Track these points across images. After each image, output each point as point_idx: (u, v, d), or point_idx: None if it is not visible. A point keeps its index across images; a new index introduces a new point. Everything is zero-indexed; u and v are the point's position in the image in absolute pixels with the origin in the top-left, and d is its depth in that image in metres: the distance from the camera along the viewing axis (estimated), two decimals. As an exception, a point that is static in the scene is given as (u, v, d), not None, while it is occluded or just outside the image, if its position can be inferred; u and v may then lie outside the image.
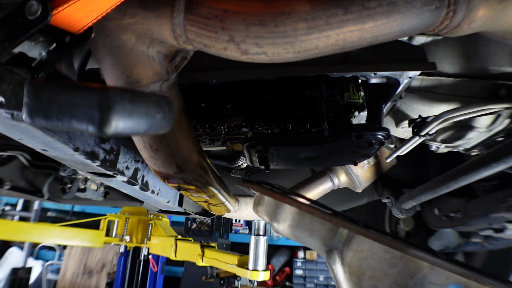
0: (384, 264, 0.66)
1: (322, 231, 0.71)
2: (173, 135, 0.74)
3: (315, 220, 0.72)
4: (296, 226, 0.73)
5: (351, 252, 0.68)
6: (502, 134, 1.23)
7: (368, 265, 0.67)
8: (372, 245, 0.68)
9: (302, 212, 0.73)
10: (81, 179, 1.97)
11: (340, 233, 0.70)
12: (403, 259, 0.65)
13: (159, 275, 4.20)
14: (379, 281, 0.65)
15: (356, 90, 1.01)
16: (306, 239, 0.72)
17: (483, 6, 0.53)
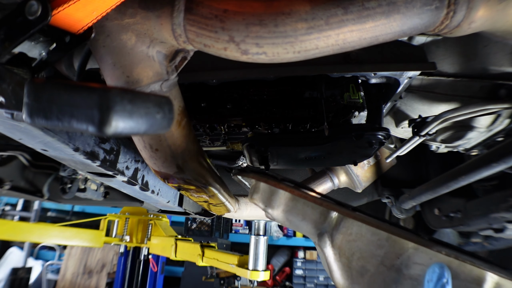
0: (372, 246, 0.69)
1: (313, 215, 0.74)
2: (173, 135, 0.74)
3: (307, 205, 0.75)
4: (289, 211, 0.76)
5: (341, 235, 0.71)
6: (502, 134, 1.23)
7: (357, 247, 0.70)
8: (360, 228, 0.70)
9: (295, 197, 0.76)
10: (81, 179, 1.97)
11: (330, 217, 0.73)
12: (389, 240, 0.68)
13: (159, 275, 4.20)
14: (367, 262, 0.68)
15: (356, 90, 1.01)
16: (298, 223, 0.75)
17: (483, 6, 0.53)
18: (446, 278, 0.61)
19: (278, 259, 6.21)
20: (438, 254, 0.65)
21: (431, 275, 0.62)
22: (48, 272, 5.70)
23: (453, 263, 0.65)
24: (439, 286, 0.60)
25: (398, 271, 0.67)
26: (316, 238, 0.75)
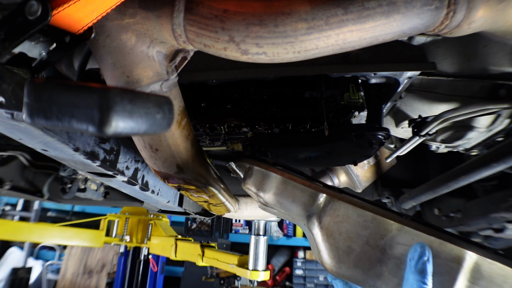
0: (358, 227, 0.73)
1: (303, 198, 0.78)
2: (173, 135, 0.74)
3: (297, 188, 0.78)
4: (280, 194, 0.79)
5: (328, 217, 0.75)
6: (502, 134, 1.23)
7: (344, 228, 0.73)
8: (346, 210, 0.74)
9: (285, 180, 0.79)
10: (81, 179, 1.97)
11: (318, 200, 0.77)
12: (374, 222, 0.72)
13: (159, 275, 4.20)
14: (353, 242, 0.72)
15: (356, 90, 1.01)
16: (288, 205, 0.79)
17: (483, 6, 0.53)
18: (427, 256, 0.64)
19: (278, 259, 6.21)
20: (420, 234, 0.69)
21: (413, 254, 0.65)
22: (48, 272, 5.70)
23: (434, 243, 0.68)
24: (420, 264, 0.64)
25: (382, 251, 0.71)
26: (305, 220, 0.78)
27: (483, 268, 0.69)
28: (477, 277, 0.69)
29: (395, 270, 0.70)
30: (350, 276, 0.72)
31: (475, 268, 0.69)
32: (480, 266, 0.69)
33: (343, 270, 0.73)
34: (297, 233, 6.25)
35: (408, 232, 0.70)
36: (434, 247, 0.69)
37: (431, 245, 0.68)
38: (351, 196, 0.74)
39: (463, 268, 0.68)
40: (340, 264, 0.73)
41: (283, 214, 0.88)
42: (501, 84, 1.02)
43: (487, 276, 0.69)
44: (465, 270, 0.68)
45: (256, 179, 0.83)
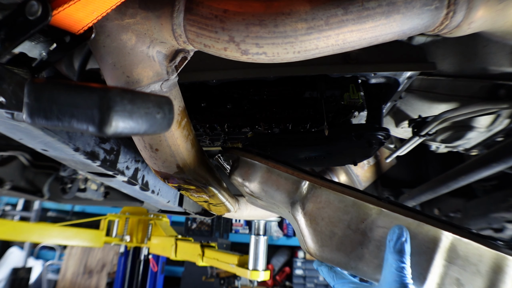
0: (339, 212, 0.76)
1: (286, 185, 0.80)
2: (173, 135, 0.74)
3: (280, 176, 0.81)
4: (264, 182, 0.82)
5: (311, 204, 0.78)
6: (502, 134, 1.23)
7: (326, 213, 0.77)
8: (328, 196, 0.78)
9: (270, 169, 0.82)
10: (81, 179, 1.97)
11: (301, 187, 0.79)
12: (354, 207, 0.76)
13: (159, 275, 4.20)
14: (335, 226, 0.76)
15: (356, 90, 1.01)
16: (273, 193, 0.81)
17: (483, 6, 0.53)
18: (405, 237, 0.68)
19: (278, 259, 6.21)
20: (398, 217, 0.72)
21: (392, 235, 0.69)
22: (49, 272, 5.70)
23: (412, 225, 0.72)
24: (399, 244, 0.67)
25: (363, 234, 0.74)
26: (289, 207, 0.81)
27: (459, 248, 0.73)
28: (454, 256, 0.72)
29: (375, 252, 0.73)
30: (333, 259, 0.75)
31: (451, 248, 0.72)
32: (456, 246, 0.72)
33: (326, 253, 0.76)
34: (297, 233, 6.24)
35: (387, 216, 0.74)
36: (412, 229, 0.72)
37: (409, 227, 0.71)
38: (331, 183, 0.77)
39: (439, 248, 0.72)
40: (323, 247, 0.76)
41: (268, 205, 0.91)
42: (501, 84, 1.02)
43: (463, 255, 0.72)
44: (441, 250, 0.72)
45: (241, 169, 0.86)
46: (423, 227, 0.72)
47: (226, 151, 0.93)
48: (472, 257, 0.73)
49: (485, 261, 0.73)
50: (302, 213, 0.78)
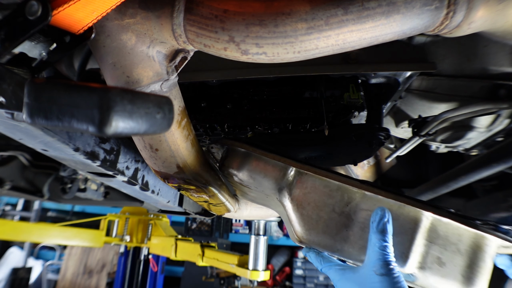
0: (324, 196, 0.79)
1: (274, 172, 0.83)
2: (173, 135, 0.74)
3: (268, 163, 0.84)
4: (253, 170, 0.85)
5: (298, 189, 0.81)
6: (502, 134, 1.23)
7: (312, 198, 0.80)
8: (314, 182, 0.81)
9: (257, 156, 0.85)
10: (81, 179, 1.97)
11: (288, 174, 0.82)
12: (339, 191, 0.79)
13: (159, 275, 4.20)
14: (321, 210, 0.79)
15: (356, 90, 1.01)
16: (261, 180, 0.84)
17: (483, 6, 0.53)
18: (387, 218, 0.71)
19: (278, 259, 6.20)
20: (381, 199, 0.76)
21: (375, 217, 0.72)
22: (49, 272, 5.70)
23: (394, 207, 0.76)
24: (381, 224, 0.70)
25: (348, 217, 0.78)
26: (277, 194, 0.83)
27: (439, 228, 0.76)
28: (434, 236, 0.76)
29: (360, 234, 0.76)
30: (320, 241, 0.78)
31: (431, 228, 0.76)
32: (436, 226, 0.76)
33: (313, 236, 0.79)
34: (297, 233, 6.24)
35: (370, 199, 0.77)
36: (394, 210, 0.75)
37: (391, 209, 0.74)
38: (315, 167, 0.80)
39: (420, 228, 0.75)
40: (310, 231, 0.79)
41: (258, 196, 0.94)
42: (501, 84, 1.02)
43: (443, 235, 0.76)
44: (422, 230, 0.75)
45: (231, 158, 0.88)
46: (405, 209, 0.75)
47: (216, 141, 0.95)
48: (452, 236, 0.76)
49: (465, 240, 0.76)
50: (289, 199, 0.81)
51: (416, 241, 0.74)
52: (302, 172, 0.81)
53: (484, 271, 0.77)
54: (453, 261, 0.75)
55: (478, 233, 0.77)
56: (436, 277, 0.75)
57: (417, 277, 0.76)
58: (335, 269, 0.78)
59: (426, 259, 0.75)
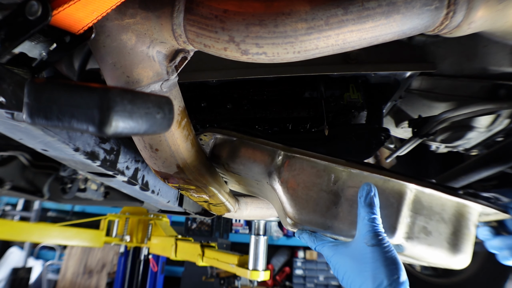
0: (313, 176, 0.82)
1: (262, 157, 0.85)
2: (173, 135, 0.74)
3: (256, 148, 0.86)
4: (242, 156, 0.87)
5: (287, 172, 0.83)
6: (502, 134, 1.23)
7: (301, 179, 0.82)
8: (301, 163, 0.83)
9: (246, 142, 0.87)
10: (81, 179, 1.97)
11: (276, 157, 0.85)
12: (326, 170, 0.82)
13: (159, 275, 4.20)
14: (310, 190, 0.81)
15: (356, 90, 1.01)
16: (251, 166, 0.86)
17: (483, 6, 0.53)
18: (373, 192, 0.74)
19: (278, 259, 6.21)
20: (367, 176, 0.79)
21: (362, 192, 0.75)
22: (49, 272, 5.70)
23: (379, 182, 0.79)
24: (368, 198, 0.73)
25: (336, 195, 0.80)
26: (267, 178, 0.85)
27: (423, 199, 0.80)
28: (419, 207, 0.79)
29: (348, 209, 0.79)
30: (311, 220, 0.81)
31: (416, 200, 0.79)
32: (420, 198, 0.79)
33: (304, 216, 0.81)
34: (297, 233, 6.24)
35: (356, 176, 0.80)
36: (379, 185, 0.78)
37: (376, 184, 0.78)
38: (302, 149, 0.83)
39: (405, 200, 0.78)
40: (301, 210, 0.81)
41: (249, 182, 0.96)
42: (501, 84, 1.02)
43: (427, 205, 0.79)
44: (407, 202, 0.78)
45: (220, 146, 0.90)
46: (389, 183, 0.79)
47: (205, 131, 0.97)
48: (435, 206, 0.79)
49: (448, 210, 0.80)
50: (279, 182, 0.83)
51: (402, 212, 0.77)
52: (290, 155, 0.84)
53: (468, 238, 0.81)
54: (438, 229, 0.79)
55: (460, 202, 0.80)
56: (423, 246, 0.78)
57: (405, 247, 0.79)
58: (328, 246, 0.80)
59: (413, 229, 0.78)
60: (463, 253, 0.80)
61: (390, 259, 0.68)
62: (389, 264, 0.67)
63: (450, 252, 0.79)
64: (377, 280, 0.66)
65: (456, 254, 0.79)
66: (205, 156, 0.93)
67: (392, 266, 0.67)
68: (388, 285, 0.65)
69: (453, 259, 0.80)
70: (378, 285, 0.66)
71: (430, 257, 0.80)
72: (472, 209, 0.81)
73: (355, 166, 0.79)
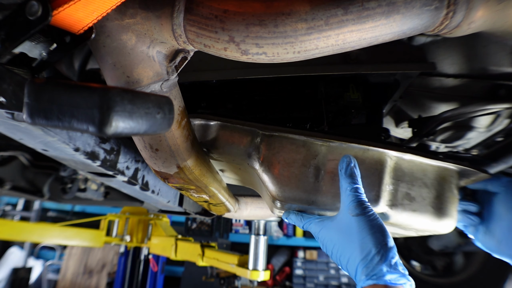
0: (292, 153, 0.82)
1: (241, 138, 0.85)
2: (173, 135, 0.74)
3: (234, 130, 0.86)
4: (220, 139, 0.87)
5: (267, 151, 0.83)
6: (502, 134, 1.23)
7: (281, 157, 0.82)
8: (280, 141, 0.83)
9: (223, 125, 0.87)
10: (81, 179, 1.97)
11: (255, 138, 0.85)
12: (305, 146, 0.82)
13: (159, 275, 4.20)
14: (291, 166, 0.81)
15: (356, 90, 1.01)
16: (229, 148, 0.86)
17: (483, 6, 0.53)
18: (353, 163, 0.75)
19: (278, 259, 6.20)
20: (345, 148, 0.80)
21: (342, 164, 0.76)
22: (49, 272, 5.70)
23: (358, 153, 0.80)
24: (349, 169, 0.74)
25: (317, 169, 0.81)
26: (247, 160, 0.85)
27: (403, 166, 0.80)
28: (400, 174, 0.80)
29: (331, 182, 0.79)
30: (295, 196, 0.81)
31: (396, 167, 0.80)
32: (400, 164, 0.80)
33: (287, 193, 0.81)
34: (297, 233, 6.25)
35: (335, 148, 0.81)
36: (359, 156, 0.79)
37: (356, 155, 0.79)
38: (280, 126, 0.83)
39: (386, 168, 0.79)
40: (284, 188, 0.81)
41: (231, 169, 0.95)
42: (501, 84, 1.02)
43: (408, 172, 0.80)
44: (388, 170, 0.79)
45: (199, 132, 0.90)
46: (369, 153, 0.80)
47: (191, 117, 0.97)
48: (417, 172, 0.80)
49: (429, 174, 0.81)
50: (260, 162, 0.83)
51: (384, 180, 0.78)
52: (268, 134, 0.83)
53: (452, 200, 0.82)
54: (421, 195, 0.79)
55: (441, 166, 0.81)
56: (408, 212, 0.78)
57: (390, 215, 0.79)
58: (315, 222, 0.80)
59: (396, 197, 0.79)
60: (448, 217, 0.80)
61: (376, 226, 0.68)
62: (375, 232, 0.67)
63: (435, 217, 0.79)
64: (365, 249, 0.66)
65: (441, 218, 0.80)
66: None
67: (378, 234, 0.67)
68: (376, 253, 0.65)
69: (439, 223, 0.80)
70: (367, 254, 0.66)
71: (415, 223, 0.80)
72: (453, 172, 0.82)
73: (333, 138, 0.80)
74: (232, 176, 1.09)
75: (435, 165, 0.80)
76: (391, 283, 0.63)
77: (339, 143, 0.80)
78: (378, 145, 0.78)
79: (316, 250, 6.11)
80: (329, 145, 0.81)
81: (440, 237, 1.98)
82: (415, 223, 0.80)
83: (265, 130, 0.83)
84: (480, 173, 0.83)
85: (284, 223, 6.22)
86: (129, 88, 0.59)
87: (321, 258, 6.04)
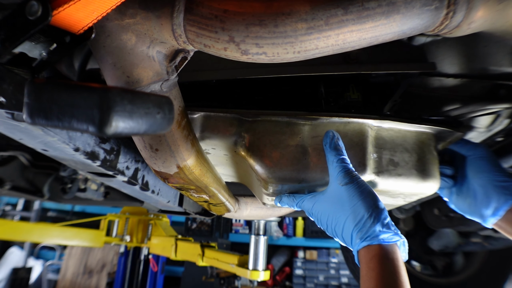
0: (277, 135, 0.84)
1: (225, 127, 0.86)
2: (173, 135, 0.74)
3: (218, 120, 0.87)
4: (205, 130, 0.87)
5: (252, 136, 0.85)
6: (502, 134, 1.23)
7: (266, 140, 0.84)
8: (264, 125, 0.85)
9: (206, 115, 0.87)
10: (81, 179, 1.97)
11: (238, 125, 0.86)
12: (288, 127, 0.85)
13: (159, 275, 4.20)
14: (277, 147, 0.84)
15: (356, 90, 1.01)
16: (215, 137, 0.87)
17: (483, 6, 0.53)
18: (336, 136, 0.79)
19: (278, 259, 6.21)
20: (327, 124, 0.83)
21: (326, 139, 0.79)
22: (49, 272, 5.70)
23: (340, 127, 0.84)
24: (333, 143, 0.77)
25: (302, 147, 0.83)
26: (234, 147, 0.86)
27: (384, 135, 0.85)
28: (382, 142, 0.85)
29: (317, 158, 0.82)
30: (285, 176, 0.83)
31: (377, 136, 0.84)
32: (381, 133, 0.85)
33: (277, 173, 0.83)
34: (297, 233, 6.25)
35: (317, 125, 0.84)
36: (341, 130, 0.83)
37: (338, 129, 0.83)
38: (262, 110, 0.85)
39: (368, 138, 0.83)
40: (273, 168, 0.83)
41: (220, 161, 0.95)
42: (501, 84, 1.01)
43: (389, 140, 0.85)
44: (370, 139, 0.84)
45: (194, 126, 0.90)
46: (350, 125, 0.84)
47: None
48: (397, 139, 0.85)
49: (409, 140, 0.86)
50: (245, 147, 0.84)
51: (368, 149, 0.82)
52: (251, 120, 0.85)
53: (433, 161, 0.87)
54: (404, 159, 0.84)
55: (419, 131, 0.86)
56: (394, 177, 0.82)
57: (378, 182, 0.83)
58: (307, 199, 0.83)
59: (381, 164, 0.83)
60: (431, 177, 0.85)
61: (366, 192, 0.71)
62: (365, 197, 0.70)
63: (419, 178, 0.84)
64: (358, 215, 0.69)
65: (425, 179, 0.84)
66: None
67: (368, 198, 0.70)
68: (369, 216, 0.67)
69: (424, 185, 0.84)
70: (360, 220, 0.68)
71: (402, 187, 0.84)
72: (430, 135, 0.87)
73: (314, 114, 0.83)
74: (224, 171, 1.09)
75: (413, 130, 0.85)
76: (385, 241, 0.65)
77: (320, 119, 0.83)
78: (357, 116, 0.83)
79: (316, 250, 6.12)
80: (311, 123, 0.84)
81: (440, 237, 1.98)
82: (402, 187, 0.84)
83: (248, 116, 0.85)
84: (456, 132, 0.88)
85: (284, 223, 6.22)
86: (129, 88, 0.59)
87: (321, 258, 6.04)
